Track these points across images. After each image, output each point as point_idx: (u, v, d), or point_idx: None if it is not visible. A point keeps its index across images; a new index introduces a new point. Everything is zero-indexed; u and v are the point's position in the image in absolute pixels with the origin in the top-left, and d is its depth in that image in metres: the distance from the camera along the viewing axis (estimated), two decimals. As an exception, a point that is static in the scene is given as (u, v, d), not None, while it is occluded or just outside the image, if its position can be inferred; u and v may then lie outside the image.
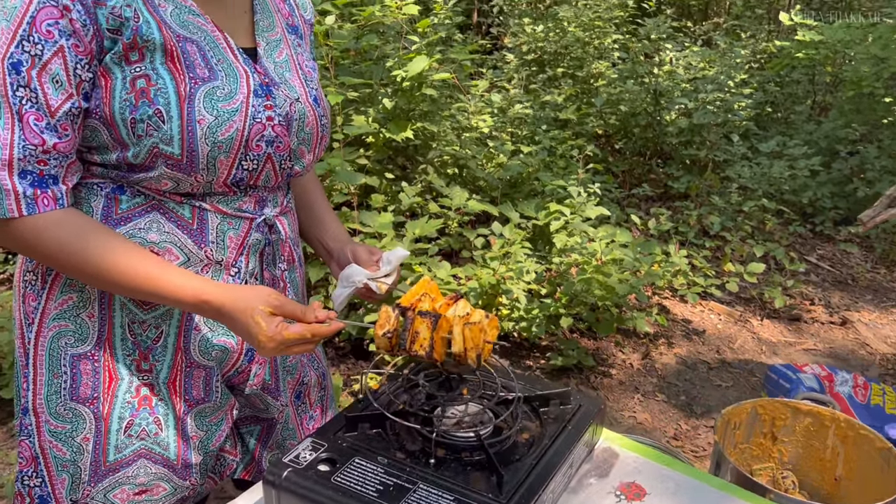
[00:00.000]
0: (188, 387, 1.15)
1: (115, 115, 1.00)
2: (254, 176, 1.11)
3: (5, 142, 0.95)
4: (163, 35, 1.01)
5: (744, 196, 4.34)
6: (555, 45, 5.09)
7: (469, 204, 3.28)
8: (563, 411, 1.18)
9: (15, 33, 0.94)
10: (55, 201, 1.00)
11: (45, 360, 1.11)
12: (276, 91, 1.11)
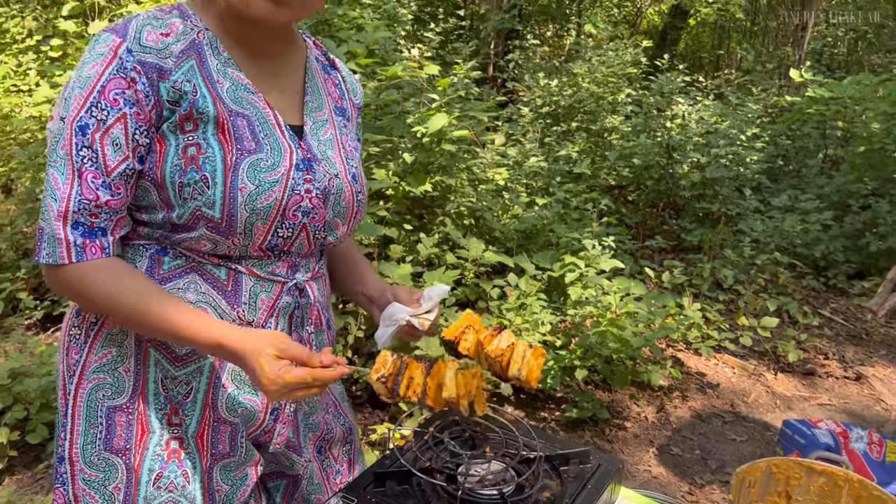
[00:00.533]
0: (215, 441, 1.20)
1: (165, 177, 1.07)
2: (288, 243, 1.17)
3: (64, 195, 1.03)
4: (217, 109, 1.09)
5: (756, 249, 4.38)
6: (569, 99, 5.21)
7: (485, 255, 3.35)
8: (583, 470, 1.22)
9: (86, 100, 1.03)
10: (102, 250, 1.07)
11: (83, 411, 1.17)
12: (316, 166, 1.18)
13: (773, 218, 4.70)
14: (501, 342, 1.14)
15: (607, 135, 5.05)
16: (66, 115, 1.04)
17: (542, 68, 6.12)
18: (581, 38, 6.27)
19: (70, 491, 1.17)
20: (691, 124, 5.17)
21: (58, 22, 5.77)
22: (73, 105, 1.03)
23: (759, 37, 8.85)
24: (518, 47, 6.58)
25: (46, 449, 2.69)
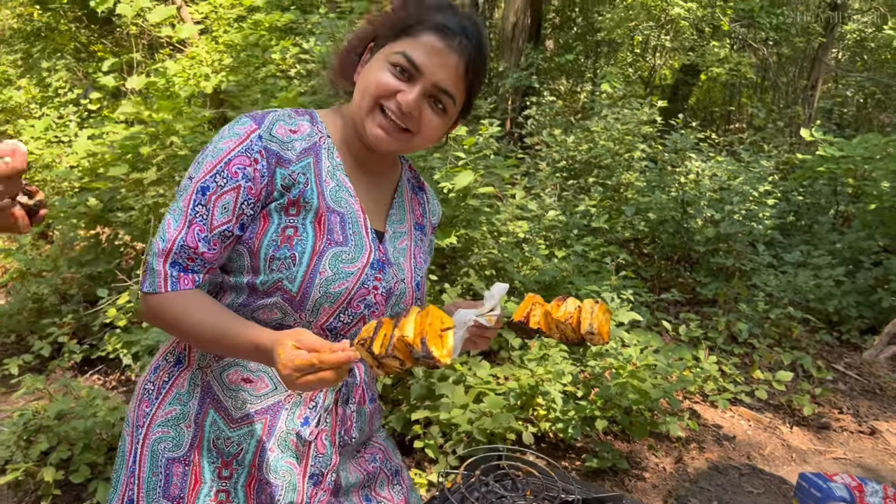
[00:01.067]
0: (259, 494, 1.31)
1: (260, 248, 1.22)
2: (346, 328, 1.29)
3: (172, 238, 1.20)
4: (319, 202, 1.24)
5: (770, 304, 4.49)
6: (585, 154, 5.39)
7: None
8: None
9: (213, 167, 1.21)
10: (193, 283, 1.20)
11: (147, 460, 1.28)
12: (388, 269, 1.31)
13: (787, 273, 4.81)
14: (568, 307, 1.23)
15: (623, 190, 5.21)
16: (195, 176, 1.22)
17: (558, 124, 6.33)
18: (596, 94, 6.48)
19: None
20: (705, 180, 5.33)
21: (97, 76, 6.05)
22: (202, 169, 1.22)
23: (770, 93, 9.07)
24: (535, 103, 6.81)
25: (87, 489, 2.79)
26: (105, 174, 3.89)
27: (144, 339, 3.00)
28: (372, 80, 1.24)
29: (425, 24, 1.24)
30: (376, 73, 1.24)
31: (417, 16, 1.25)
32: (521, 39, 7.59)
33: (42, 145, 5.11)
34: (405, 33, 1.24)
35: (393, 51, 1.23)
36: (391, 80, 1.22)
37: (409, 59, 1.22)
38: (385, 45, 1.26)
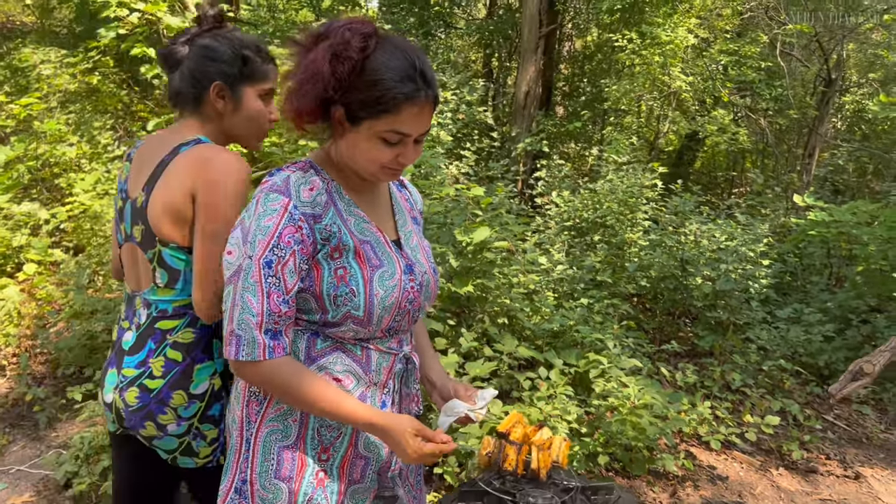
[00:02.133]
0: (352, 470, 1.66)
1: (322, 292, 1.53)
2: (401, 324, 1.67)
3: (258, 310, 1.46)
4: (353, 241, 1.57)
5: (763, 356, 4.81)
6: (592, 214, 5.80)
7: (519, 350, 3.83)
8: (608, 499, 1.67)
9: (269, 243, 1.45)
10: (283, 349, 1.51)
11: (260, 449, 1.60)
12: (415, 269, 1.68)
13: (780, 328, 5.15)
14: (543, 434, 1.63)
15: (626, 247, 5.60)
16: (253, 254, 1.45)
17: (567, 185, 6.76)
18: (602, 159, 6.93)
19: (249, 501, 1.63)
20: (703, 241, 5.72)
21: (141, 135, 6.56)
22: (258, 247, 1.45)
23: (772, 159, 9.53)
24: (545, 166, 7.26)
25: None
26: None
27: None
28: (374, 155, 1.51)
29: (399, 99, 1.45)
30: (375, 149, 1.50)
31: (389, 93, 1.44)
32: (533, 107, 8.11)
33: (91, 197, 5.56)
34: (386, 110, 1.45)
35: (382, 128, 1.47)
36: (389, 152, 1.50)
37: (400, 132, 1.48)
38: (366, 120, 1.47)
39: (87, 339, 4.10)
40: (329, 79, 1.45)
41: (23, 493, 3.30)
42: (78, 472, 3.11)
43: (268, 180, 1.54)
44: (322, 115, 1.50)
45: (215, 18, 1.91)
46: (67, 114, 6.29)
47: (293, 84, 1.50)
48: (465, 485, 1.66)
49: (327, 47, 1.46)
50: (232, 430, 1.68)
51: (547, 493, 1.62)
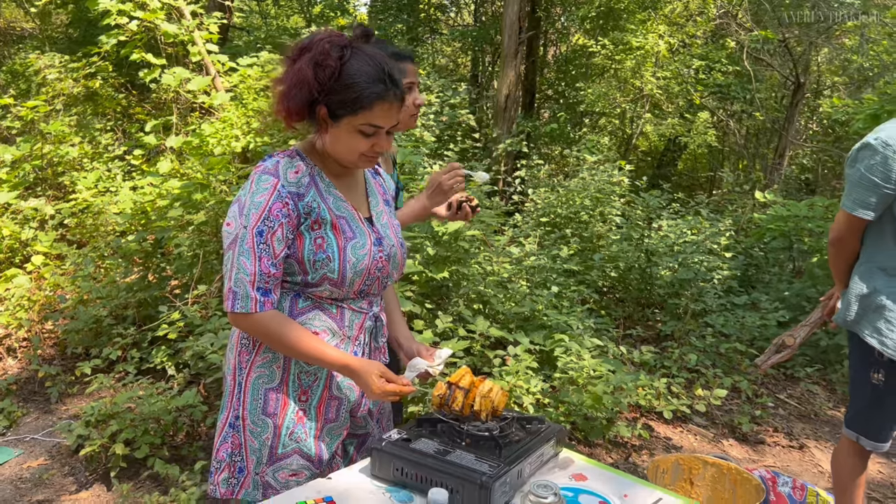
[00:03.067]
0: (328, 410, 2.01)
1: (304, 257, 1.86)
2: (371, 288, 2.03)
3: (251, 271, 1.76)
4: (330, 216, 1.91)
5: (722, 340, 5.19)
6: (566, 210, 6.18)
7: (490, 331, 4.20)
8: (539, 428, 2.02)
9: (261, 216, 1.76)
10: (272, 304, 1.85)
11: (250, 390, 1.94)
12: (384, 242, 2.04)
13: (738, 315, 5.53)
14: (486, 385, 1.98)
15: (596, 240, 5.98)
16: (248, 224, 1.76)
17: (544, 184, 7.14)
18: (580, 159, 7.31)
19: (241, 436, 1.96)
20: (670, 235, 6.10)
21: (139, 136, 6.91)
22: (252, 219, 1.76)
23: (744, 160, 9.95)
24: (525, 166, 7.63)
25: (147, 463, 3.46)
26: (161, 216, 4.66)
27: (193, 347, 3.70)
28: (353, 145, 1.82)
29: (372, 98, 1.77)
30: (355, 141, 1.81)
31: (363, 93, 1.77)
32: (513, 109, 8.50)
33: (93, 194, 5.90)
34: (361, 108, 1.77)
35: (359, 122, 1.78)
36: (366, 142, 1.82)
37: (375, 125, 1.80)
38: (346, 116, 1.78)
39: (93, 323, 4.45)
40: (313, 83, 1.76)
41: (38, 458, 3.64)
42: (89, 436, 3.45)
43: (261, 164, 1.88)
44: (308, 114, 1.85)
45: (364, 34, 2.39)
46: (70, 116, 6.64)
47: (283, 89, 1.86)
48: (423, 416, 2.01)
49: (310, 57, 1.82)
50: (226, 375, 2.02)
51: (488, 422, 1.97)
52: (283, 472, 1.94)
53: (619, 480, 1.94)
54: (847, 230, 2.58)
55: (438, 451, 1.80)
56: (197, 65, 6.95)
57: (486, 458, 1.78)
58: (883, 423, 2.63)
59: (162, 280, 4.73)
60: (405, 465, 1.79)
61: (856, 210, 2.50)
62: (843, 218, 2.58)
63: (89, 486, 3.42)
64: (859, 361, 2.65)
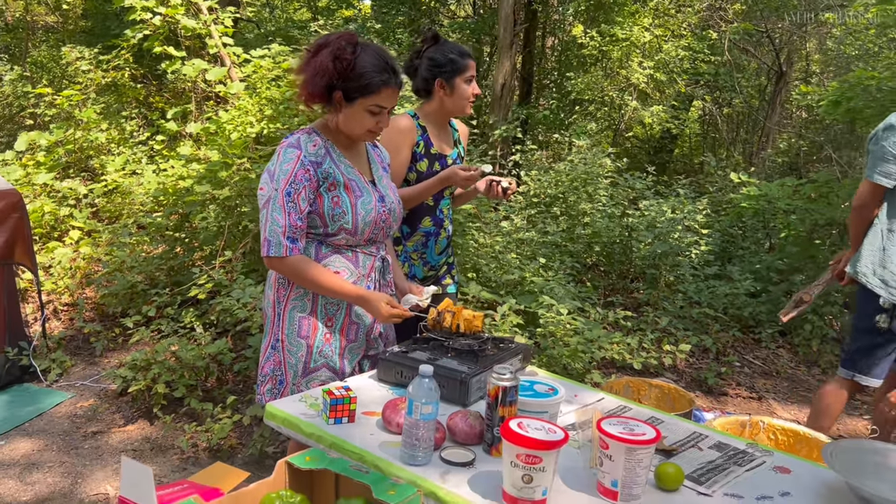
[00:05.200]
0: (348, 333, 2.54)
1: (324, 212, 2.40)
2: (377, 236, 2.57)
3: (283, 223, 2.23)
4: (343, 178, 2.46)
5: (693, 306, 5.73)
6: (554, 189, 6.72)
7: (482, 294, 4.74)
8: (510, 346, 2.56)
9: (288, 180, 2.23)
10: (298, 250, 2.37)
11: (287, 318, 2.47)
12: (386, 199, 2.58)
13: (711, 286, 6.07)
14: (466, 311, 2.52)
15: (582, 217, 6.51)
16: (278, 187, 2.22)
17: (536, 167, 7.67)
18: (571, 145, 7.84)
19: (281, 354, 2.50)
20: (651, 213, 6.63)
21: (160, 123, 7.45)
22: (281, 183, 2.22)
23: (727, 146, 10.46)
24: (520, 150, 8.16)
25: (184, 402, 4.02)
26: (183, 196, 5.21)
27: (223, 303, 4.25)
28: (363, 123, 2.31)
29: (378, 84, 2.26)
30: (364, 119, 2.31)
31: (373, 80, 2.26)
32: (509, 97, 9.00)
33: (121, 176, 6.45)
34: (371, 92, 2.26)
35: (368, 103, 2.27)
36: (372, 120, 2.31)
37: (381, 106, 2.30)
38: (359, 98, 2.27)
39: (129, 287, 5.00)
40: (332, 72, 2.26)
41: (88, 399, 4.21)
42: (134, 379, 4.01)
43: (285, 140, 2.40)
44: (326, 98, 2.39)
45: (434, 38, 2.96)
46: (99, 104, 7.18)
47: (306, 77, 2.39)
48: (417, 337, 2.56)
49: (329, 52, 2.35)
50: (267, 309, 2.56)
51: (469, 340, 2.51)
52: (315, 382, 2.47)
53: (571, 386, 2.49)
54: (870, 197, 3.18)
55: (429, 359, 2.34)
56: (213, 56, 7.48)
57: (466, 363, 2.32)
58: (880, 361, 3.21)
59: (188, 252, 5.28)
60: (404, 369, 2.34)
61: (879, 179, 3.10)
62: (866, 187, 3.17)
63: (135, 420, 3.98)
64: (865, 309, 3.26)
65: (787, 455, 2.08)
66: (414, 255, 3.05)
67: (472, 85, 2.94)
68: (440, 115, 2.97)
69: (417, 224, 3.01)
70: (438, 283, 3.15)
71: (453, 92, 2.90)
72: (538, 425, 1.74)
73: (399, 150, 2.88)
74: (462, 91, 2.91)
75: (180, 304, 4.85)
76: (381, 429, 2.05)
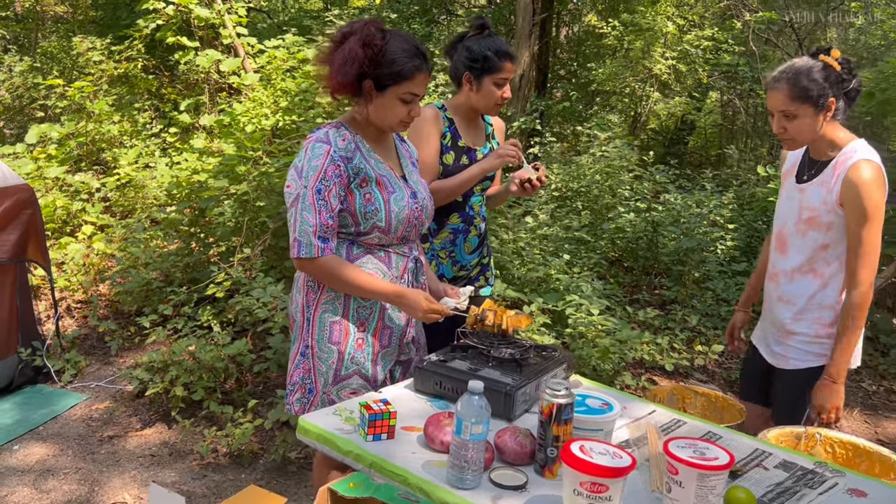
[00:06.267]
0: (381, 338, 2.40)
1: (356, 210, 2.24)
2: (410, 235, 2.42)
3: (314, 223, 2.11)
4: (374, 174, 2.29)
5: (722, 304, 5.56)
6: (577, 184, 6.54)
7: (507, 292, 4.59)
8: (553, 355, 2.41)
9: (318, 177, 2.11)
10: (330, 250, 2.22)
11: (317, 323, 2.32)
12: (418, 196, 2.42)
13: (737, 281, 5.90)
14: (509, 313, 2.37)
15: (606, 212, 6.34)
16: (308, 184, 2.09)
17: (558, 160, 7.50)
18: (589, 135, 7.66)
19: (311, 361, 2.36)
20: (676, 208, 6.46)
21: (173, 115, 7.31)
22: (311, 180, 2.10)
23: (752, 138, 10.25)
24: (539, 143, 7.98)
25: (202, 404, 3.89)
26: (198, 190, 5.07)
27: (242, 302, 4.11)
28: (396, 112, 2.19)
29: (411, 70, 2.15)
30: (397, 107, 2.18)
31: (406, 66, 2.15)
32: (527, 89, 8.82)
33: (134, 169, 6.32)
34: (403, 78, 2.15)
35: (401, 91, 2.16)
36: (405, 108, 2.20)
37: (414, 94, 2.18)
38: (391, 86, 2.15)
39: (144, 284, 4.87)
40: (363, 59, 2.13)
41: (103, 402, 4.09)
42: (151, 380, 3.89)
43: (313, 135, 2.26)
44: (356, 87, 2.24)
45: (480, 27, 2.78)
46: (111, 96, 7.05)
47: (335, 67, 2.24)
48: (455, 344, 2.41)
49: (358, 39, 2.20)
50: (295, 314, 2.41)
51: (511, 349, 2.36)
52: (346, 390, 2.33)
53: (620, 397, 2.34)
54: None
55: (470, 369, 2.20)
56: (227, 47, 7.33)
57: (509, 374, 2.17)
58: None
59: (205, 247, 5.15)
60: (443, 379, 2.19)
61: None
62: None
63: (152, 424, 3.86)
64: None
65: (860, 476, 1.93)
66: (442, 254, 2.89)
67: (505, 88, 2.75)
68: (467, 110, 2.81)
69: (445, 220, 2.85)
70: (472, 284, 2.99)
71: (480, 90, 2.73)
72: (601, 448, 1.59)
73: (427, 139, 2.72)
74: (489, 92, 2.73)
75: (197, 303, 4.72)
76: (423, 446, 1.90)
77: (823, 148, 2.42)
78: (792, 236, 2.52)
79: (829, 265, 2.45)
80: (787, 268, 2.55)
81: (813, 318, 2.50)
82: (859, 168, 2.30)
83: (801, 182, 2.49)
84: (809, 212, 2.43)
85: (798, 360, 2.56)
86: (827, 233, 2.42)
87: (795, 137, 2.39)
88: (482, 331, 2.38)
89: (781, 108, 2.35)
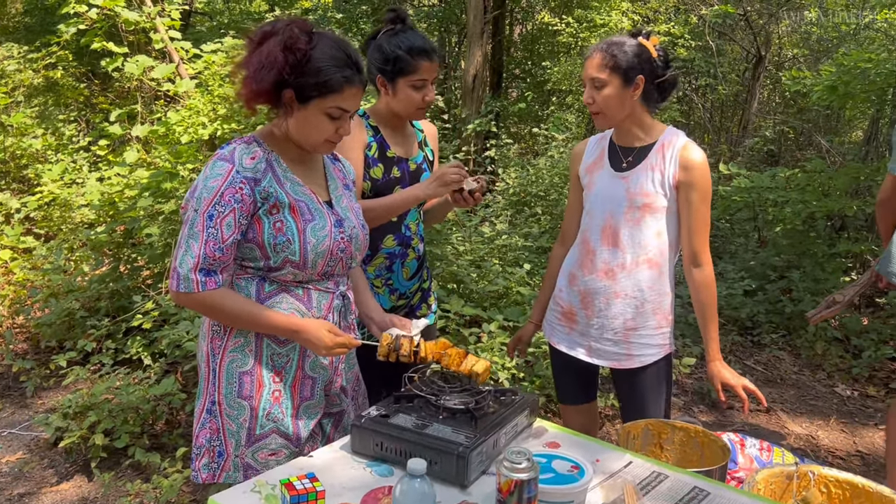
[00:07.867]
0: (303, 389, 2.05)
1: (264, 241, 1.87)
2: (334, 269, 2.05)
3: (196, 253, 1.79)
4: (288, 199, 1.92)
5: (689, 310, 5.31)
6: (535, 188, 6.25)
7: (464, 310, 4.26)
8: (514, 400, 2.09)
9: (212, 200, 1.78)
10: (215, 284, 1.83)
11: (224, 375, 1.96)
12: (345, 223, 2.06)
13: (705, 285, 5.66)
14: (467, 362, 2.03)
15: (566, 218, 6.06)
16: (199, 208, 1.78)
17: (515, 163, 7.20)
18: (548, 138, 7.38)
19: (219, 420, 1.99)
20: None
21: (103, 126, 6.82)
22: (203, 203, 1.78)
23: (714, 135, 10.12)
24: (495, 146, 7.68)
25: (127, 452, 3.48)
26: (130, 207, 4.64)
27: (169, 335, 3.72)
28: (322, 128, 1.87)
29: (339, 82, 1.83)
30: (322, 124, 1.86)
31: (334, 77, 1.83)
32: (481, 89, 8.51)
33: (59, 186, 5.84)
34: (330, 90, 1.83)
35: (328, 105, 1.84)
36: (331, 125, 1.88)
37: (342, 108, 1.87)
38: (315, 99, 1.83)
39: (66, 315, 4.43)
40: (283, 65, 1.80)
41: (16, 452, 3.64)
42: (67, 428, 3.46)
43: (219, 151, 1.90)
44: (274, 97, 1.88)
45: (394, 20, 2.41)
46: (32, 108, 6.53)
47: (250, 71, 1.88)
48: (399, 393, 2.07)
49: (279, 41, 1.84)
50: (200, 363, 2.05)
51: (463, 396, 2.03)
52: (263, 452, 1.99)
53: (590, 446, 2.03)
54: (893, 191, 2.88)
55: (416, 426, 1.86)
56: (160, 52, 6.87)
57: (462, 430, 1.84)
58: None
59: (134, 271, 4.72)
60: (384, 439, 1.85)
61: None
62: (890, 181, 2.88)
63: (70, 477, 3.43)
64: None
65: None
66: (377, 282, 2.53)
67: (426, 90, 2.37)
68: (390, 116, 2.46)
69: (379, 244, 2.49)
70: (413, 315, 2.64)
71: (396, 95, 2.38)
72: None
73: (348, 152, 2.35)
74: (407, 96, 2.37)
75: (125, 333, 4.30)
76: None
77: (634, 132, 2.41)
78: (623, 227, 2.43)
79: (662, 253, 2.43)
80: (625, 261, 2.44)
81: (654, 308, 2.48)
82: (691, 149, 2.33)
83: (621, 171, 2.43)
84: (644, 197, 2.37)
85: (645, 357, 2.54)
86: (661, 218, 2.40)
87: (604, 111, 2.36)
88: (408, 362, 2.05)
89: (592, 75, 2.34)
